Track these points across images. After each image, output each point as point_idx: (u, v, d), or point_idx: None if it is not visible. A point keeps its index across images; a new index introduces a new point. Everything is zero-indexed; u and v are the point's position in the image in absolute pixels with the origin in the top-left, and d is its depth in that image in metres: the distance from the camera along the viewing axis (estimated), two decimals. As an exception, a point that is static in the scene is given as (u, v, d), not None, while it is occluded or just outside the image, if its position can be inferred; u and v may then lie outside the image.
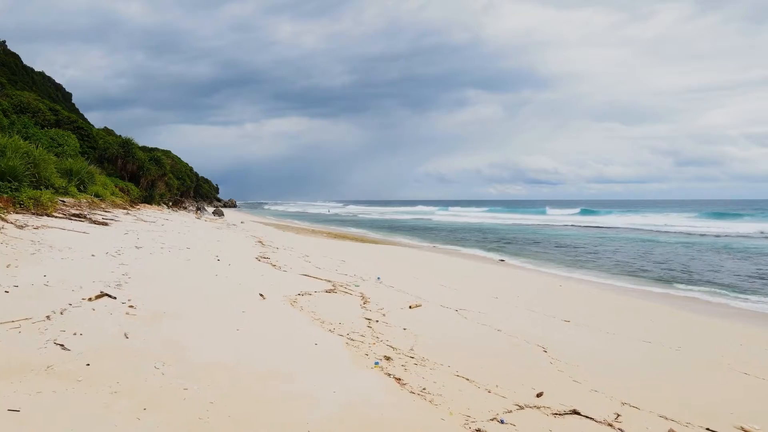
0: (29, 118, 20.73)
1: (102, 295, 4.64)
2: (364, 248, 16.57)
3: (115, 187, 22.64)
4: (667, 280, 11.98)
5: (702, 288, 10.79)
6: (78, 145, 21.20)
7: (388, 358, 4.14)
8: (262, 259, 9.30)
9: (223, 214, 34.36)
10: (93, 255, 6.66)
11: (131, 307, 4.50)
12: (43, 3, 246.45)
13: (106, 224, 10.14)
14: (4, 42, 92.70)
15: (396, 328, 5.17)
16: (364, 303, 6.25)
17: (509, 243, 22.77)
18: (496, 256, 17.17)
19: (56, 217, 9.37)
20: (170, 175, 39.01)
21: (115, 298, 4.64)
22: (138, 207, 22.95)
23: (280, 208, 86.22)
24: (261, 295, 5.67)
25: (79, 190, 16.35)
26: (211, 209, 36.44)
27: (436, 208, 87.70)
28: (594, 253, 18.01)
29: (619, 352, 5.35)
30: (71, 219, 9.73)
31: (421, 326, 5.37)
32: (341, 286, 7.27)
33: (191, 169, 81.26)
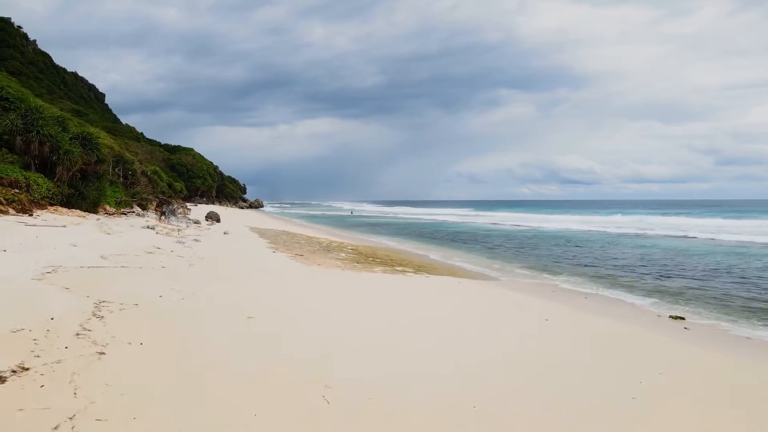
0: None
1: None
2: (418, 303, 6.92)
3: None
4: None
5: None
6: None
7: None
8: None
9: (219, 220, 26.00)
10: None
11: None
12: (84, 11, 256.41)
13: None
14: (34, 41, 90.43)
15: None
16: None
17: (619, 269, 13.41)
18: (648, 305, 7.60)
19: None
20: (156, 168, 30.86)
21: None
22: (40, 211, 14.38)
23: (306, 210, 77.94)
24: None
25: None
26: (206, 209, 27.87)
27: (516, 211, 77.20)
28: None
29: None
30: None
31: None
32: None
33: (215, 168, 74.71)
